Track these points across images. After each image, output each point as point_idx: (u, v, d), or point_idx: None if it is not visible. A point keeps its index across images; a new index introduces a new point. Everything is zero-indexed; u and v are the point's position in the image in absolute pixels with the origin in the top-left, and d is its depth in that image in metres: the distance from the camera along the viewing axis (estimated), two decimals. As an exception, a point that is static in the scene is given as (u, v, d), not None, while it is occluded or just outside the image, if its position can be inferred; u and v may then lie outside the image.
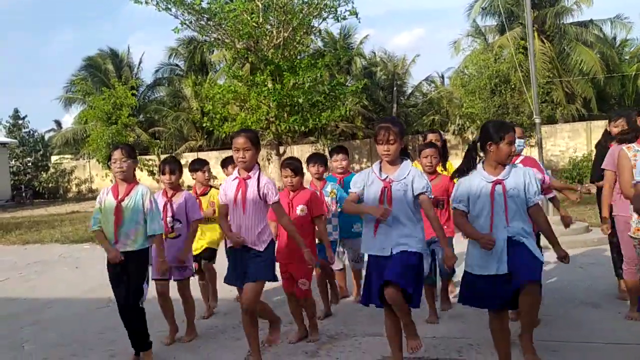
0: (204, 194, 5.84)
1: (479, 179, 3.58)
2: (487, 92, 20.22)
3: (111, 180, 6.29)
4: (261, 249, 3.99)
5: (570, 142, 26.04)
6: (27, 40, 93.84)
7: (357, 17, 22.53)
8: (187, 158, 32.84)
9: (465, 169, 3.67)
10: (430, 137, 5.83)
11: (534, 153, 25.34)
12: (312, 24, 22.72)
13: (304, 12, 21.74)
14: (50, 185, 34.41)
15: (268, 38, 22.03)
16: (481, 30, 30.02)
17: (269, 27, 21.96)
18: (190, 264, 5.04)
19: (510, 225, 3.47)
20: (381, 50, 33.05)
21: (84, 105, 34.10)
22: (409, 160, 3.82)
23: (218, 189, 5.12)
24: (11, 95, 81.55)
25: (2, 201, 29.05)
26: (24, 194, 31.91)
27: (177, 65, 38.16)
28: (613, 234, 5.02)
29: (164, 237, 4.50)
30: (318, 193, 5.15)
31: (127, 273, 4.22)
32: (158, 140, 31.60)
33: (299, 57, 22.63)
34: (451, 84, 27.45)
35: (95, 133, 26.08)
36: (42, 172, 34.48)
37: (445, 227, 4.46)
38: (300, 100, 21.46)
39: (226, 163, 6.05)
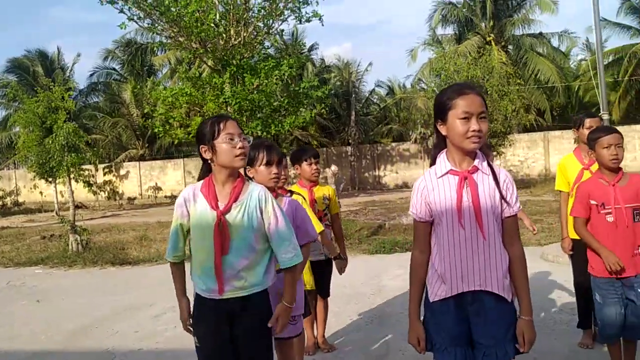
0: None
1: None
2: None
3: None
4: None
5: (529, 152, 26.04)
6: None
7: (320, 20, 21.39)
8: (127, 168, 30.47)
9: None
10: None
11: (511, 161, 25.25)
12: (273, 24, 21.36)
13: (265, 10, 20.35)
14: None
15: (225, 37, 20.42)
16: (439, 39, 29.72)
17: (227, 25, 20.34)
18: (300, 311, 3.33)
19: None
20: (334, 57, 32.11)
21: (7, 111, 31.01)
22: None
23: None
24: None
25: None
26: None
27: (114, 69, 35.54)
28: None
29: None
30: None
31: (237, 339, 2.56)
32: (95, 149, 28.99)
33: (260, 58, 21.14)
34: (412, 90, 26.80)
35: (27, 139, 23.29)
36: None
37: None
38: (262, 104, 19.98)
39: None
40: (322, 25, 22.07)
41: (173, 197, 29.18)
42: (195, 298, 2.69)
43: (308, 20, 21.37)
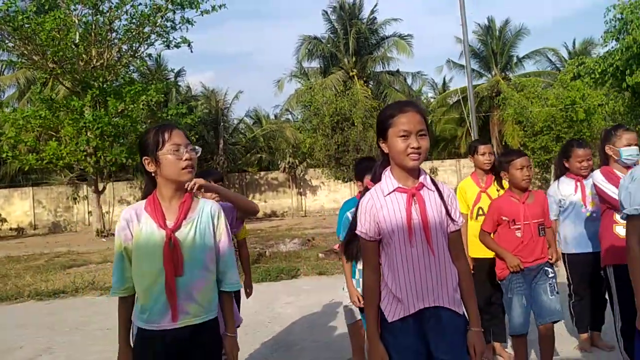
0: None
1: None
2: (328, 129, 20.18)
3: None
4: None
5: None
6: None
7: (189, 46, 21.00)
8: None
9: None
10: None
11: None
12: (139, 48, 20.57)
13: (131, 32, 19.54)
14: None
15: (86, 58, 19.24)
16: (305, 71, 30.63)
17: (88, 46, 19.17)
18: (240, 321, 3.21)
19: None
20: (200, 85, 31.68)
21: None
22: None
23: None
24: None
25: None
26: None
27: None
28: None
29: None
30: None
31: None
32: None
33: (125, 82, 20.17)
34: (277, 121, 27.22)
35: None
36: None
37: None
38: (127, 130, 19.03)
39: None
40: (192, 52, 21.80)
41: (20, 230, 26.40)
42: (137, 333, 2.35)
43: (177, 46, 20.90)
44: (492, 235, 3.80)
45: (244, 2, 71.42)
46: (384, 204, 2.26)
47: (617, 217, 3.85)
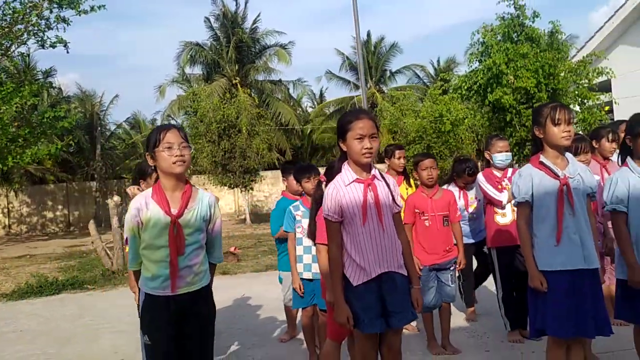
0: None
1: (634, 177, 3.27)
2: (215, 135, 20.34)
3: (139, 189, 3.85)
4: None
5: (273, 188, 28.14)
6: None
7: (66, 46, 20.09)
8: None
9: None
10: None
11: (257, 197, 26.61)
12: (10, 47, 19.30)
13: (2, 29, 18.31)
14: None
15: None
16: (188, 77, 30.33)
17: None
18: None
19: None
20: (74, 86, 30.14)
21: None
22: None
23: None
24: None
25: None
26: None
27: None
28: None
29: None
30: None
31: (189, 330, 2.78)
32: None
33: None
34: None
35: None
36: None
37: None
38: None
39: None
40: (68, 52, 20.68)
41: None
42: (144, 299, 2.78)
43: (52, 46, 19.93)
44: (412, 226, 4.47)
45: (122, 3, 68.31)
46: (345, 192, 2.85)
47: (497, 208, 4.78)
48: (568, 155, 3.18)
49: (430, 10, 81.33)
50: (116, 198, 9.54)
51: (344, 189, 2.86)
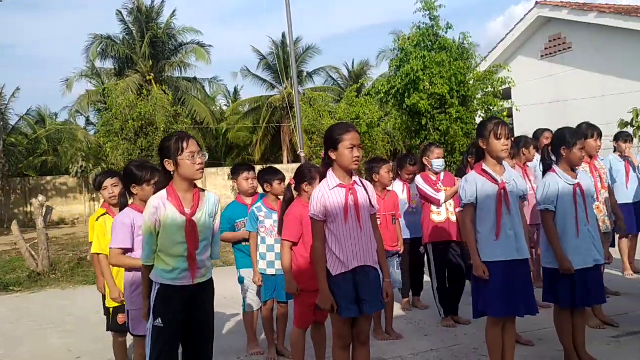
0: None
1: (562, 182, 3.91)
2: (131, 133, 19.96)
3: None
4: None
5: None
6: None
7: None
8: None
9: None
10: None
11: None
12: None
13: None
14: None
15: None
16: (98, 71, 29.18)
17: None
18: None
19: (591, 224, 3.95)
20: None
21: None
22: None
23: None
24: None
25: None
26: None
27: None
28: None
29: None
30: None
31: (198, 315, 3.13)
32: None
33: None
34: (64, 123, 25.54)
35: None
36: None
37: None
38: None
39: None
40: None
41: None
42: (159, 288, 3.06)
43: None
44: None
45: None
46: (330, 195, 3.26)
47: (433, 207, 5.35)
48: (504, 163, 3.75)
49: (340, 11, 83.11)
50: (41, 198, 9.24)
51: (329, 192, 3.27)
